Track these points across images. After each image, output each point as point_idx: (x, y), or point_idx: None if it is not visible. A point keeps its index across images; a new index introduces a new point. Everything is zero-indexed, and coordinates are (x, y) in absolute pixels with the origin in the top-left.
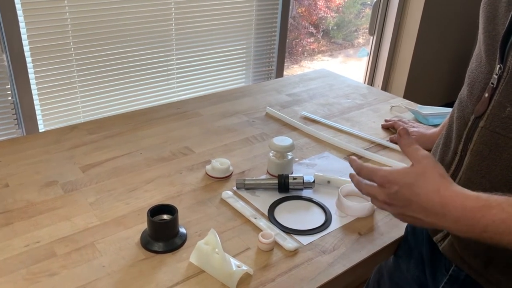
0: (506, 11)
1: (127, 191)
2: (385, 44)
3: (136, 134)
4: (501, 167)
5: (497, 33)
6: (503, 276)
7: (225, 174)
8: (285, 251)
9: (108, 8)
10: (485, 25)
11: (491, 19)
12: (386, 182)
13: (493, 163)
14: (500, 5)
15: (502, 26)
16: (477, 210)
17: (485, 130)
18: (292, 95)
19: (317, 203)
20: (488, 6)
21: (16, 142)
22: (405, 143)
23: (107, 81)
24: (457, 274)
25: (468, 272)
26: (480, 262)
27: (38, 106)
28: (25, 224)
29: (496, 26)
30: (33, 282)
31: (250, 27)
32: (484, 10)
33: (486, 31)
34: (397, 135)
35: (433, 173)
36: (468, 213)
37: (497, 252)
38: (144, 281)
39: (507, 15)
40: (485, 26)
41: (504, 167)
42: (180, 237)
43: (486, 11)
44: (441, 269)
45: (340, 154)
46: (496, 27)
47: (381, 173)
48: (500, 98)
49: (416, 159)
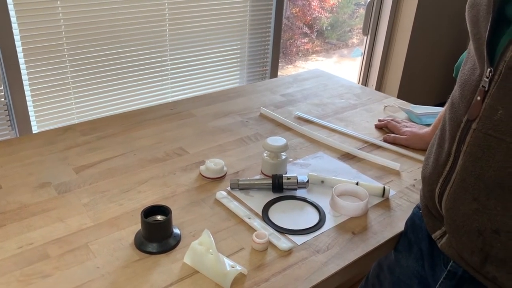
0: (487, 13)
1: (120, 192)
2: (379, 44)
3: (130, 135)
4: (494, 169)
5: (481, 37)
6: (499, 273)
7: (219, 174)
8: (279, 251)
9: (102, 9)
10: (471, 29)
11: (474, 22)
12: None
13: (486, 164)
14: (481, 8)
15: (484, 29)
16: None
17: (477, 132)
18: (286, 95)
19: (311, 203)
20: (472, 10)
21: (9, 144)
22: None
23: (100, 81)
24: (455, 270)
25: (465, 269)
26: (476, 259)
27: (31, 107)
28: (18, 226)
29: (480, 29)
30: (26, 284)
31: (244, 28)
32: (468, 14)
33: (472, 34)
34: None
35: None
36: None
37: (493, 250)
38: (138, 282)
39: (487, 17)
40: (471, 30)
41: (497, 168)
42: (174, 237)
43: (471, 15)
44: (440, 265)
45: (334, 154)
46: (479, 30)
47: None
48: (492, 101)
49: None
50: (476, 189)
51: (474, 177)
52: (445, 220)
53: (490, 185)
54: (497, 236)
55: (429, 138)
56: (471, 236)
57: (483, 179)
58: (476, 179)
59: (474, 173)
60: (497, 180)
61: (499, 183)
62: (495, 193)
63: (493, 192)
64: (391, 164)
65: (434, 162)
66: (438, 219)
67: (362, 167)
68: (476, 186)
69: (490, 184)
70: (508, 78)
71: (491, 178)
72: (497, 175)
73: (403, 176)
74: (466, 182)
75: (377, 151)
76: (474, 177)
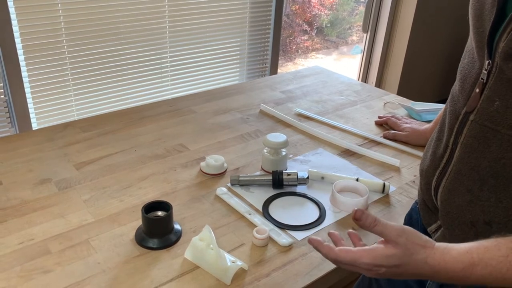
0: (492, 7)
1: (121, 188)
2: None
3: (130, 132)
4: (489, 159)
5: (484, 30)
6: None
7: (220, 170)
8: (279, 246)
9: (102, 5)
10: (474, 22)
11: (478, 15)
12: (372, 266)
13: (481, 155)
14: (486, 2)
15: (488, 22)
16: (466, 270)
17: (474, 124)
18: (286, 92)
19: (311, 199)
20: (476, 3)
21: (9, 140)
22: (368, 224)
23: (100, 78)
24: None
25: None
26: None
27: (31, 104)
28: (19, 222)
29: (483, 23)
30: (27, 279)
31: (244, 25)
32: (472, 7)
33: (475, 27)
34: (353, 219)
35: (415, 248)
36: (457, 274)
37: None
38: (139, 277)
39: (492, 11)
40: (474, 23)
41: (491, 159)
42: (174, 233)
43: (474, 8)
44: None
45: (334, 150)
46: (483, 23)
47: (364, 260)
48: (490, 92)
49: (391, 240)
50: (470, 180)
51: (469, 168)
52: (439, 213)
53: (484, 176)
54: (489, 228)
55: (429, 134)
56: (463, 228)
57: (478, 170)
58: (471, 170)
59: (470, 164)
60: (491, 171)
61: (493, 173)
62: (489, 184)
63: (487, 183)
64: (391, 160)
65: (432, 155)
66: (434, 212)
67: (362, 163)
68: (470, 177)
69: (484, 175)
70: (502, 69)
71: (486, 169)
72: (492, 165)
73: (403, 172)
74: (461, 173)
75: (377, 147)
76: (469, 168)
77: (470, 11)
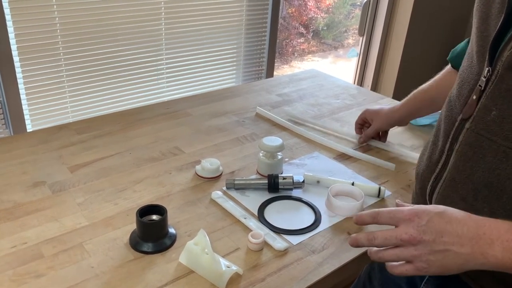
0: (499, 12)
1: (116, 192)
2: (375, 45)
3: (125, 134)
4: (483, 169)
5: (488, 34)
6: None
7: (215, 174)
8: (274, 251)
9: (98, 7)
10: (478, 24)
11: (484, 18)
12: (415, 214)
13: (476, 164)
14: (493, 5)
15: (494, 28)
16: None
17: (470, 132)
18: (282, 95)
19: (307, 203)
20: (482, 5)
21: (3, 142)
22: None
23: (96, 80)
24: None
25: None
26: None
27: (25, 106)
28: (11, 225)
29: (488, 27)
30: (20, 283)
31: (240, 27)
32: (478, 8)
33: (479, 31)
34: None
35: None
36: (505, 233)
37: None
38: (133, 281)
39: (499, 16)
40: (478, 26)
41: (486, 169)
42: (169, 237)
43: (480, 10)
44: None
45: (329, 154)
46: (488, 27)
47: (407, 208)
48: (487, 101)
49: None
50: (464, 189)
51: (463, 177)
52: None
53: (478, 185)
54: None
55: (395, 116)
56: None
57: (472, 179)
58: (465, 179)
59: (464, 173)
60: (485, 181)
61: (486, 183)
62: (483, 194)
63: (481, 193)
64: (386, 164)
65: (428, 159)
66: None
67: (357, 167)
68: (465, 186)
69: (478, 185)
70: (503, 78)
71: (480, 179)
72: (486, 175)
73: (399, 177)
74: (456, 181)
75: (373, 151)
76: (464, 176)
77: (475, 13)
